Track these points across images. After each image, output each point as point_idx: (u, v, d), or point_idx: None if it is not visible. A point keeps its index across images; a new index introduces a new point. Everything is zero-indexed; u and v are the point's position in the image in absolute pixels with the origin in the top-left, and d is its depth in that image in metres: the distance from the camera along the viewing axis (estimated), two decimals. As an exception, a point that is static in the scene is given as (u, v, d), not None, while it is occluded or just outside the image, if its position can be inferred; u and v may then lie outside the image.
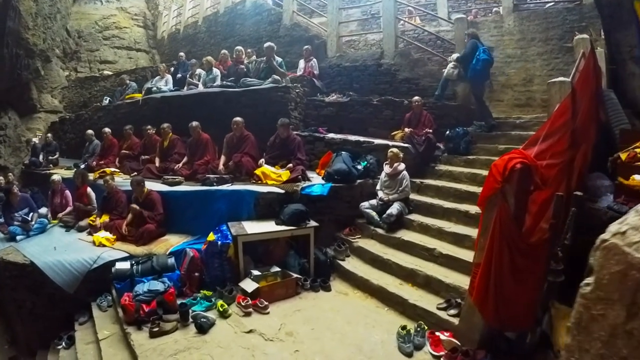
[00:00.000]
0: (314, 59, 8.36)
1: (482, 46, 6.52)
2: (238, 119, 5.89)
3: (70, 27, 13.82)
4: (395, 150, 5.45)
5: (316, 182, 5.34)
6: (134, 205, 5.23)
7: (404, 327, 3.52)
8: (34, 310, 4.78)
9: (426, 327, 3.57)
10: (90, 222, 5.97)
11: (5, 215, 6.26)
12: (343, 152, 5.75)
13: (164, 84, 8.62)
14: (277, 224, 4.69)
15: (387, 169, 5.44)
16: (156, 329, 3.72)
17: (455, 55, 6.96)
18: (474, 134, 6.45)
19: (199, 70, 8.39)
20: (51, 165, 9.50)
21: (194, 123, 6.30)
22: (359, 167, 5.71)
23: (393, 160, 5.36)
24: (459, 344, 3.31)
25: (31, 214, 6.28)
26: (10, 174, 10.49)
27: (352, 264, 4.91)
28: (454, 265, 4.20)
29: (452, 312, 3.66)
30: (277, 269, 4.47)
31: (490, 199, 3.18)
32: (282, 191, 5.03)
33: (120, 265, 4.68)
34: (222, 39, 11.53)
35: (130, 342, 3.67)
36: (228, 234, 4.44)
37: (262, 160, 5.72)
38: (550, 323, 3.21)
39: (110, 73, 12.63)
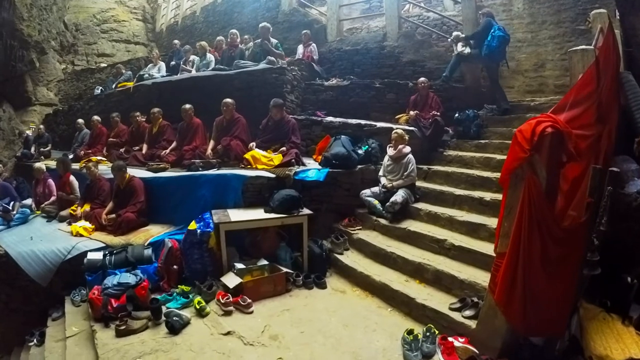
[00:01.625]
0: (313, 44, 7.90)
1: (498, 25, 6.04)
2: (228, 100, 5.39)
3: (67, 21, 13.66)
4: (400, 131, 4.96)
5: (312, 167, 4.81)
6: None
7: (410, 332, 2.98)
8: (9, 304, 4.44)
9: (437, 332, 3.02)
10: (72, 212, 5.62)
11: (-16, 205, 5.98)
12: (342, 136, 5.23)
13: (157, 71, 8.21)
14: (265, 211, 4.16)
15: (390, 151, 4.92)
16: (123, 327, 3.25)
17: (456, 34, 6.53)
18: (485, 118, 6.03)
19: (192, 57, 7.97)
20: (42, 157, 9.27)
21: (187, 106, 5.83)
22: (360, 151, 5.20)
23: (397, 142, 4.85)
24: (476, 352, 2.75)
25: (12, 203, 6.03)
26: (0, 165, 10.28)
27: (351, 258, 4.40)
28: (469, 259, 3.66)
29: (468, 313, 3.09)
30: (265, 262, 3.94)
31: (516, 172, 2.61)
32: (273, 176, 4.50)
33: (92, 256, 4.25)
34: (220, 29, 11.10)
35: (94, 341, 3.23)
36: (210, 222, 3.92)
37: (252, 144, 5.21)
38: (579, 325, 2.69)
39: (106, 65, 12.29)
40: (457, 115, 6.06)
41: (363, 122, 5.78)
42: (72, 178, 6.13)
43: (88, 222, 5.08)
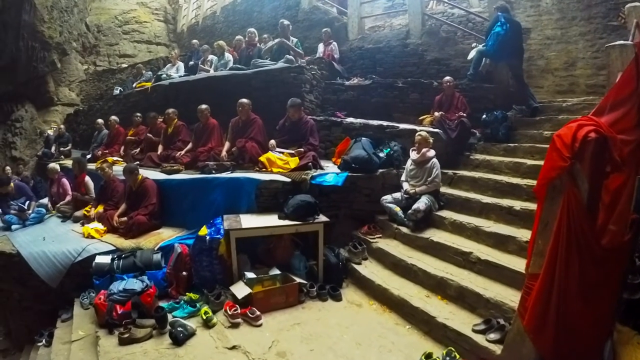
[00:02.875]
0: (334, 42, 7.64)
1: (504, 20, 5.73)
2: (244, 100, 5.19)
3: (89, 22, 13.93)
4: (423, 133, 4.66)
5: (330, 171, 4.55)
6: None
7: (428, 356, 2.70)
8: (22, 302, 4.53)
9: (458, 356, 2.72)
10: (85, 213, 5.58)
11: (1, 204, 6.03)
12: (363, 138, 4.96)
13: (175, 71, 8.14)
14: (279, 217, 3.92)
15: (413, 155, 4.63)
16: (126, 335, 3.11)
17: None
18: (513, 119, 5.69)
19: (210, 57, 7.86)
20: (62, 156, 9.36)
21: (203, 106, 5.66)
22: (381, 154, 4.90)
23: (421, 144, 4.56)
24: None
25: (27, 202, 6.06)
26: (21, 165, 10.50)
27: (369, 269, 4.12)
28: (496, 275, 3.35)
29: (493, 336, 2.78)
30: (277, 271, 3.71)
31: (554, 183, 2.28)
32: (289, 180, 4.27)
33: (99, 260, 4.15)
34: (239, 28, 10.99)
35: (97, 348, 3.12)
36: (221, 228, 3.72)
37: (272, 142, 4.96)
38: (612, 351, 2.35)
39: (127, 65, 12.38)
40: (484, 116, 5.72)
41: (385, 123, 5.48)
42: (87, 179, 6.08)
43: (100, 224, 5.01)
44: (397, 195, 4.58)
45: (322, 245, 3.93)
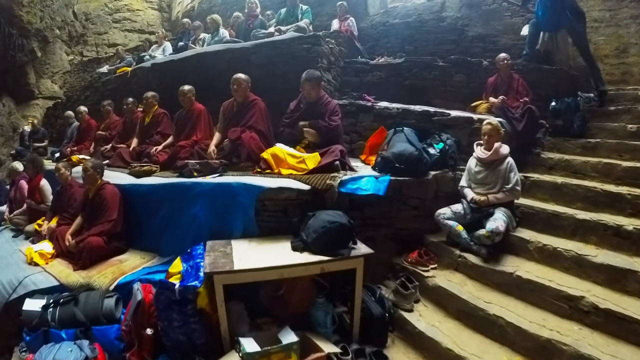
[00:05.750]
0: (351, 18, 6.29)
1: None
2: (240, 75, 3.76)
3: (77, 10, 12.66)
4: (494, 121, 3.38)
5: (365, 174, 3.15)
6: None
7: None
8: None
9: None
10: (36, 227, 4.30)
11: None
12: (405, 128, 3.58)
13: (161, 52, 6.79)
14: (294, 248, 2.52)
15: (480, 152, 3.29)
16: None
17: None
18: (583, 109, 4.67)
19: (202, 35, 6.55)
20: (36, 155, 7.97)
21: (186, 87, 4.27)
22: (432, 150, 3.53)
23: (492, 137, 3.26)
24: None
25: None
26: None
27: (426, 319, 2.79)
28: (620, 331, 2.28)
29: None
30: (291, 336, 2.26)
31: None
32: (307, 187, 2.86)
33: (28, 306, 2.85)
34: (240, 9, 9.62)
35: None
36: (201, 265, 2.33)
37: (302, 124, 3.50)
38: None
39: (113, 53, 11.09)
40: (553, 103, 4.65)
41: (432, 109, 4.12)
42: (43, 182, 4.83)
43: (50, 244, 3.74)
44: (458, 208, 3.24)
45: (359, 289, 2.54)
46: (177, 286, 2.18)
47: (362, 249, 2.54)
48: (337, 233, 2.41)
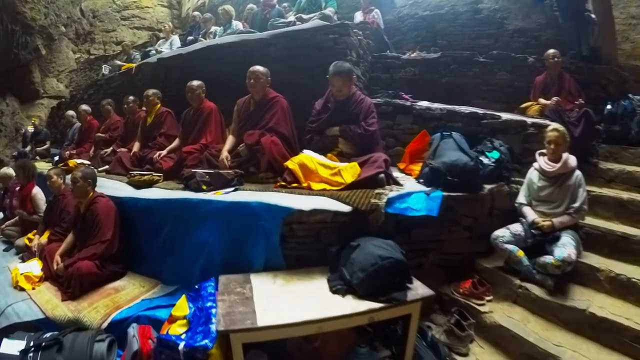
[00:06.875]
0: (376, 9, 5.70)
1: None
2: (258, 68, 3.19)
3: (84, 7, 12.30)
4: (560, 128, 2.80)
5: (414, 189, 2.53)
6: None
7: None
8: None
9: None
10: (27, 242, 3.85)
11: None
12: (454, 133, 2.99)
13: (168, 47, 6.28)
14: (335, 290, 1.91)
15: (544, 163, 2.73)
16: None
17: None
18: None
19: (214, 28, 6.04)
20: (38, 157, 7.69)
21: (194, 83, 3.72)
22: (486, 160, 2.94)
23: (559, 146, 2.70)
24: None
25: None
26: None
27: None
28: None
29: None
30: None
31: None
32: (347, 209, 2.25)
33: (5, 348, 2.32)
34: (254, 2, 9.12)
35: None
36: (212, 310, 1.77)
37: (334, 129, 2.94)
38: None
39: (120, 51, 10.66)
40: (609, 107, 4.13)
41: (480, 111, 3.51)
42: (36, 190, 4.36)
43: (39, 264, 3.24)
44: (518, 229, 2.67)
45: (413, 338, 1.96)
46: (181, 346, 1.62)
47: (419, 289, 1.96)
48: (390, 271, 1.83)
